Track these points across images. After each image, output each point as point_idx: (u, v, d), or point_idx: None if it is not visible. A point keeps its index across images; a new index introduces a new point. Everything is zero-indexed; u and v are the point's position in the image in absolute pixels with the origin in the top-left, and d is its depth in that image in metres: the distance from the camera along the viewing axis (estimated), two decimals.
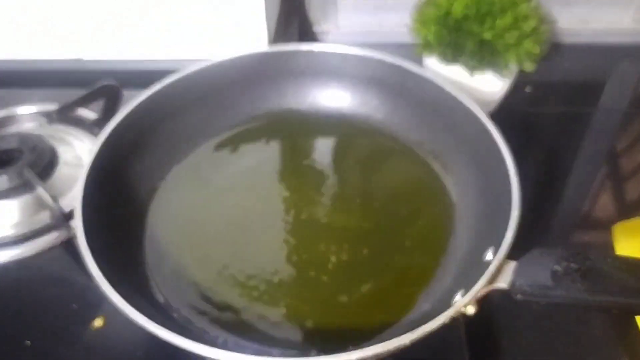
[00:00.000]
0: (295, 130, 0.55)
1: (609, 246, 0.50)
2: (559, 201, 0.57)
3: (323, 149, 0.54)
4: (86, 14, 0.68)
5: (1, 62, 0.73)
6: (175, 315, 0.41)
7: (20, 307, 0.46)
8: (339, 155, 0.54)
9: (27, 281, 0.48)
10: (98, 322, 0.44)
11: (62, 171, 0.55)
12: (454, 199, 0.48)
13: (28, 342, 0.43)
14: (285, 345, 0.39)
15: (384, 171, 0.52)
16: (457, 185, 0.48)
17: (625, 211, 0.56)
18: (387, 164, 0.53)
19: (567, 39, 0.77)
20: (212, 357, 0.31)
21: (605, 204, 0.57)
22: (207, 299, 0.42)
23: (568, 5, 0.76)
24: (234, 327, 0.40)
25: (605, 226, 0.52)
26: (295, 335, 0.40)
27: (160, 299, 0.42)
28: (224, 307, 0.41)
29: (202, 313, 0.41)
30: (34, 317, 0.45)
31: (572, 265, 0.32)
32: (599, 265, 0.32)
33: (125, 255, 0.44)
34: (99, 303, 0.45)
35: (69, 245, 0.39)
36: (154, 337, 0.33)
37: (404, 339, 0.31)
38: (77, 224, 0.38)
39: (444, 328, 0.33)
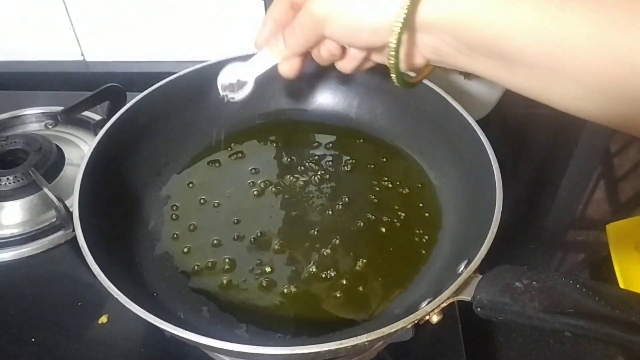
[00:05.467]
0: (292, 131, 0.56)
1: (604, 245, 0.51)
2: (554, 200, 0.57)
3: (322, 149, 0.55)
4: (90, 17, 0.69)
5: (7, 64, 0.74)
6: (172, 306, 0.42)
7: (26, 304, 0.47)
8: (338, 157, 0.54)
9: (33, 279, 0.49)
10: (102, 319, 0.45)
11: (67, 172, 0.56)
12: (443, 209, 0.48)
13: (33, 339, 0.44)
14: (278, 330, 0.41)
15: (381, 176, 0.52)
16: (447, 195, 0.49)
17: (620, 211, 0.57)
18: (386, 169, 0.53)
19: None
20: (218, 347, 0.32)
21: (599, 203, 0.58)
22: (203, 290, 0.43)
23: None
24: (228, 311, 0.42)
25: (600, 226, 0.53)
26: (285, 321, 0.42)
27: (158, 290, 0.43)
28: (217, 296, 0.43)
29: (198, 303, 0.42)
30: (40, 314, 0.46)
31: (534, 283, 0.31)
32: (560, 286, 0.31)
33: (124, 249, 0.44)
34: (103, 300, 0.46)
35: (74, 243, 0.40)
36: (155, 332, 0.33)
37: (362, 339, 0.32)
38: (75, 215, 0.39)
39: (441, 325, 0.34)
